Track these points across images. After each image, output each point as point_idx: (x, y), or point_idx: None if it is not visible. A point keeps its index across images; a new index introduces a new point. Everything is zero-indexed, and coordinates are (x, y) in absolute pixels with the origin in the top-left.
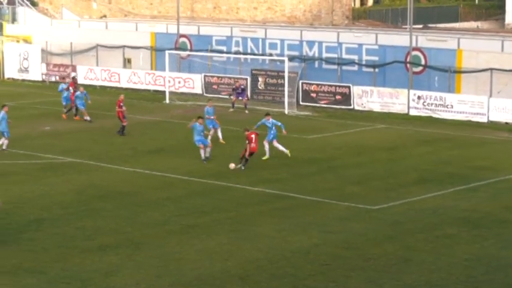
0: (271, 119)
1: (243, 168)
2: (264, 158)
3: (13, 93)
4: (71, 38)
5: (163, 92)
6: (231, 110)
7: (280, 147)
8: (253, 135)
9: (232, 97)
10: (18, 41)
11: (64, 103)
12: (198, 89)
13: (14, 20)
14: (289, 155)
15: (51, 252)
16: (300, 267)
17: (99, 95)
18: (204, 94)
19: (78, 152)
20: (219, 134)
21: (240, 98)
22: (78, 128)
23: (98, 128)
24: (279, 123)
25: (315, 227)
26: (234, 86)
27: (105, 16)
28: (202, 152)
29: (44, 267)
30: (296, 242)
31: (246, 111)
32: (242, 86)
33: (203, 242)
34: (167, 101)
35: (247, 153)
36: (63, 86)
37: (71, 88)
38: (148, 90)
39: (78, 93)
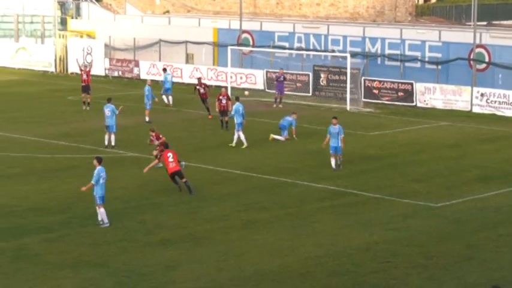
0: (338, 125)
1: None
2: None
3: (76, 87)
4: (134, 33)
5: (225, 88)
6: (280, 106)
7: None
8: (170, 154)
9: (276, 93)
10: (81, 36)
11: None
12: (260, 85)
13: (78, 15)
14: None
15: (113, 245)
16: (361, 264)
17: (161, 90)
18: (266, 90)
19: (140, 147)
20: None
21: (279, 91)
22: (141, 122)
23: (159, 123)
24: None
25: (376, 224)
26: (277, 74)
27: (168, 12)
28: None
29: (105, 260)
30: (357, 238)
31: (280, 105)
32: (284, 76)
33: (264, 238)
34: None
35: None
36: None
37: (200, 88)
38: (211, 86)
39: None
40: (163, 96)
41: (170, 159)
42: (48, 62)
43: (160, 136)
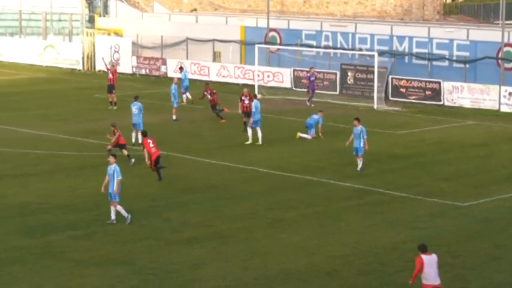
0: (361, 126)
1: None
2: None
3: (104, 85)
4: (162, 31)
5: (253, 86)
6: (313, 105)
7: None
8: (149, 141)
9: (309, 92)
10: (109, 34)
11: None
12: (287, 83)
13: (105, 13)
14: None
15: (139, 243)
16: (388, 263)
17: (192, 88)
18: (293, 88)
19: (166, 145)
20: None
21: (311, 90)
22: (167, 120)
23: (186, 121)
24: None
25: (403, 223)
26: (308, 74)
27: (195, 10)
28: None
29: (132, 258)
30: (384, 237)
31: (312, 105)
32: (315, 74)
33: (290, 237)
34: (257, 94)
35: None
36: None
37: (207, 94)
38: (237, 84)
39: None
40: (185, 95)
41: (151, 145)
42: (75, 60)
43: (117, 132)
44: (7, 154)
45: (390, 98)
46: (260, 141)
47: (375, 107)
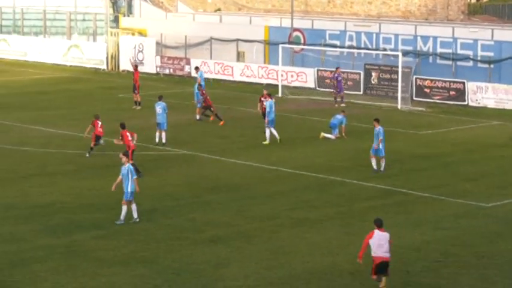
0: (380, 127)
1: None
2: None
3: (128, 85)
4: (186, 31)
5: (276, 86)
6: (343, 104)
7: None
8: (128, 134)
9: (338, 93)
10: (133, 34)
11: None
12: (310, 83)
13: (129, 13)
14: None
15: (163, 243)
16: (411, 264)
17: (212, 88)
18: (317, 88)
19: (190, 145)
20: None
21: (339, 90)
22: (191, 120)
23: (210, 121)
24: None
25: (427, 224)
26: (334, 74)
27: (219, 9)
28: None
29: (155, 257)
30: (407, 238)
31: (343, 104)
32: (341, 74)
33: (314, 236)
34: (280, 94)
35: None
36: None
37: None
38: (261, 84)
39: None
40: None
41: (130, 138)
42: (99, 60)
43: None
44: (33, 153)
45: (414, 98)
46: (267, 141)
47: (399, 107)
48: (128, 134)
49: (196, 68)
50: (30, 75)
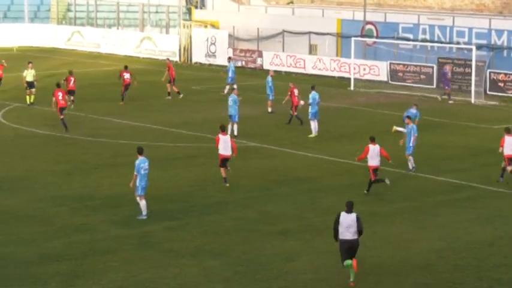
0: (413, 125)
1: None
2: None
3: (200, 77)
4: (258, 24)
5: (348, 79)
6: (450, 102)
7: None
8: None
9: (446, 88)
10: (205, 26)
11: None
12: (383, 77)
13: (202, 5)
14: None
15: (233, 235)
16: (483, 259)
17: (284, 80)
18: (389, 82)
19: (261, 137)
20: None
21: (446, 86)
22: (263, 113)
23: (281, 114)
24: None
25: (499, 219)
26: (444, 70)
27: (292, 2)
28: None
29: (226, 249)
30: (479, 233)
31: (450, 101)
32: (450, 70)
33: (384, 230)
34: (352, 88)
35: None
36: None
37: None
38: (333, 77)
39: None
40: (228, 86)
41: (60, 98)
42: (172, 52)
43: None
44: (104, 144)
45: (488, 92)
46: (313, 134)
47: (472, 101)
48: (60, 93)
49: (229, 58)
50: (103, 67)
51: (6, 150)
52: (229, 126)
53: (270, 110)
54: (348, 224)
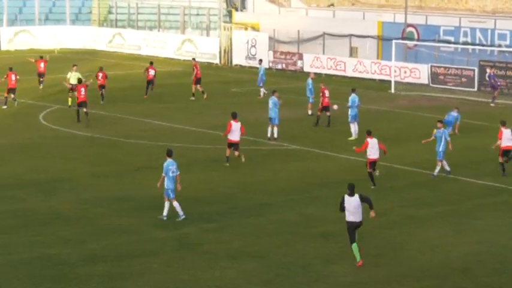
0: (443, 129)
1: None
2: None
3: (240, 79)
4: (298, 26)
5: (389, 82)
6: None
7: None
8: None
9: (495, 90)
10: (246, 29)
11: None
12: (424, 80)
13: (243, 7)
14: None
15: (274, 237)
16: None
17: (325, 83)
18: (430, 85)
19: (301, 140)
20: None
21: (495, 88)
22: (303, 115)
23: (321, 116)
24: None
25: None
26: (491, 74)
27: (332, 5)
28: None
29: (266, 252)
30: None
31: (492, 104)
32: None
33: (424, 234)
34: (392, 90)
35: None
36: None
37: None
38: (374, 80)
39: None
40: (262, 89)
41: (82, 93)
42: (212, 54)
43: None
44: (144, 146)
45: None
46: (353, 136)
47: None
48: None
49: (260, 61)
50: (143, 69)
51: (48, 152)
52: (269, 129)
53: (310, 112)
54: (354, 207)
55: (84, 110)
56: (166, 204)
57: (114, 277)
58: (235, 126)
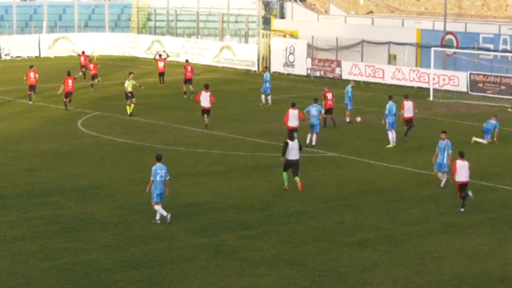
0: (447, 140)
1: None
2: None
3: (278, 87)
4: (337, 33)
5: (427, 89)
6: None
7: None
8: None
9: None
10: (284, 36)
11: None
12: (463, 87)
13: (281, 15)
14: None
15: (310, 245)
16: None
17: (363, 90)
18: (469, 92)
19: (339, 148)
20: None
21: None
22: (341, 123)
23: (360, 124)
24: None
25: None
26: None
27: (371, 12)
28: None
29: (303, 259)
30: None
31: None
32: None
33: (463, 242)
34: (431, 98)
35: None
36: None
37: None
38: (412, 87)
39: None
40: (263, 96)
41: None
42: (251, 61)
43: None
44: (183, 153)
45: None
46: (391, 144)
47: None
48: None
49: (265, 68)
50: (182, 76)
51: (86, 159)
52: (309, 136)
53: (348, 120)
54: (293, 148)
55: (69, 98)
56: (157, 208)
57: (151, 283)
58: (292, 113)
